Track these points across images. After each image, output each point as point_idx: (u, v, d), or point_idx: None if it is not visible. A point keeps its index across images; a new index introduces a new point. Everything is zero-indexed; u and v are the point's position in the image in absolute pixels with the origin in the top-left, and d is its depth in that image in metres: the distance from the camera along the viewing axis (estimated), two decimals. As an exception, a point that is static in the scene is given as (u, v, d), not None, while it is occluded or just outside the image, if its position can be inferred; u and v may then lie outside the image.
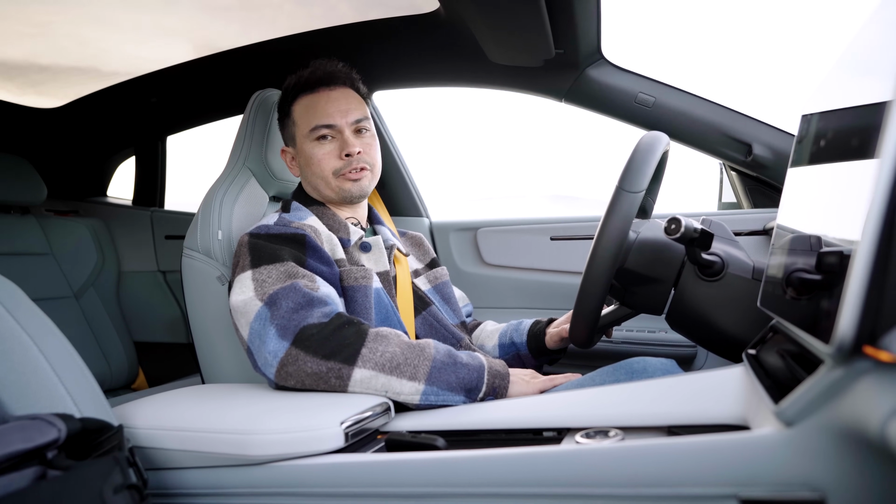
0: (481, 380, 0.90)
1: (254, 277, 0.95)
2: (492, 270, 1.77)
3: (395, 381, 0.87)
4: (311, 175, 1.13)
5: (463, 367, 0.90)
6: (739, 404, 0.62)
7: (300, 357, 0.86)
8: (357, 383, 0.86)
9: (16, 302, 0.72)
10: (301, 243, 1.01)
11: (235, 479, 0.75)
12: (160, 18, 1.56)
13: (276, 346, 0.87)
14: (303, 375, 0.86)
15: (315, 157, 1.11)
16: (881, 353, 0.41)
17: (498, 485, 0.63)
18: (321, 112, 1.11)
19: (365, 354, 0.86)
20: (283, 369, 0.87)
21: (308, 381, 0.87)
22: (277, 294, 0.91)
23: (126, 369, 2.06)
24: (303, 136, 1.12)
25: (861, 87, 0.57)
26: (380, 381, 0.86)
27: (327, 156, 1.10)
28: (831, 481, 0.48)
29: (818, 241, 0.57)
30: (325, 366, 0.86)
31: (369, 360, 0.86)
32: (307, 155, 1.12)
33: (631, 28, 8.09)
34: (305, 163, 1.13)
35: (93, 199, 2.37)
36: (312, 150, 1.11)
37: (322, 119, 1.10)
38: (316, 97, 1.12)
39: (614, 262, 0.87)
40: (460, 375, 0.89)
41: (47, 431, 0.57)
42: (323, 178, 1.11)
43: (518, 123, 23.39)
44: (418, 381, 0.87)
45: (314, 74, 1.13)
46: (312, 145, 1.11)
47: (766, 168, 1.49)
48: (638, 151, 0.90)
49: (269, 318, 0.89)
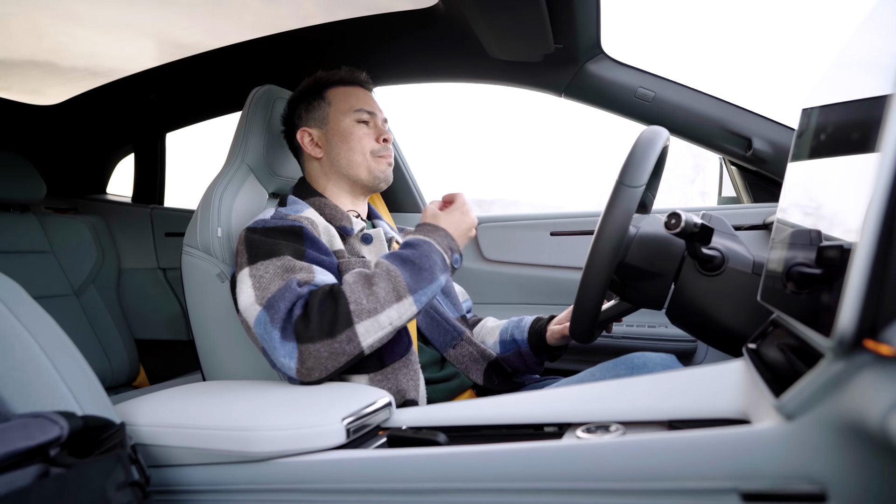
0: (438, 254, 0.97)
1: (251, 274, 0.96)
2: (492, 266, 1.77)
3: (391, 311, 0.91)
4: (348, 151, 1.16)
5: (421, 260, 0.95)
6: (740, 398, 0.62)
7: (310, 349, 0.88)
8: (366, 336, 0.90)
9: (17, 300, 0.72)
10: (299, 235, 1.01)
11: (237, 475, 0.75)
12: (123, 13, 1.53)
13: (286, 350, 0.89)
14: (322, 362, 0.88)
15: (356, 133, 1.16)
16: (882, 346, 0.41)
17: (499, 480, 0.63)
18: (363, 100, 1.19)
19: (353, 309, 0.89)
20: (303, 366, 0.89)
21: (329, 364, 0.89)
22: (275, 297, 0.92)
23: (127, 367, 2.06)
24: (342, 113, 1.17)
25: (861, 80, 0.57)
26: (381, 320, 0.90)
27: (366, 136, 1.17)
28: (832, 474, 0.49)
29: (818, 236, 0.57)
30: (335, 341, 0.88)
31: (360, 310, 0.90)
32: (346, 131, 1.16)
33: (631, 22, 8.01)
34: (342, 139, 1.16)
35: (92, 196, 2.37)
36: (353, 128, 1.16)
37: (365, 105, 1.18)
38: (354, 89, 1.21)
39: (614, 257, 0.87)
40: (425, 267, 0.95)
41: (49, 429, 0.57)
42: (362, 154, 1.16)
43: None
44: (405, 298, 0.92)
45: (351, 75, 1.22)
46: (353, 123, 1.17)
47: (766, 162, 1.49)
48: (638, 146, 0.90)
49: (270, 323, 0.91)
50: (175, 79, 1.90)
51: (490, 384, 1.13)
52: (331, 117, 1.18)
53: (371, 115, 1.18)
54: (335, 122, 1.17)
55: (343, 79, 1.21)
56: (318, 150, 1.19)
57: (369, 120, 1.18)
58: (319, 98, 1.19)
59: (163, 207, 2.30)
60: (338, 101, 1.18)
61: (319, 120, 1.19)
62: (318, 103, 1.19)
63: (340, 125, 1.16)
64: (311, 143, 1.19)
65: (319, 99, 1.19)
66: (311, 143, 1.19)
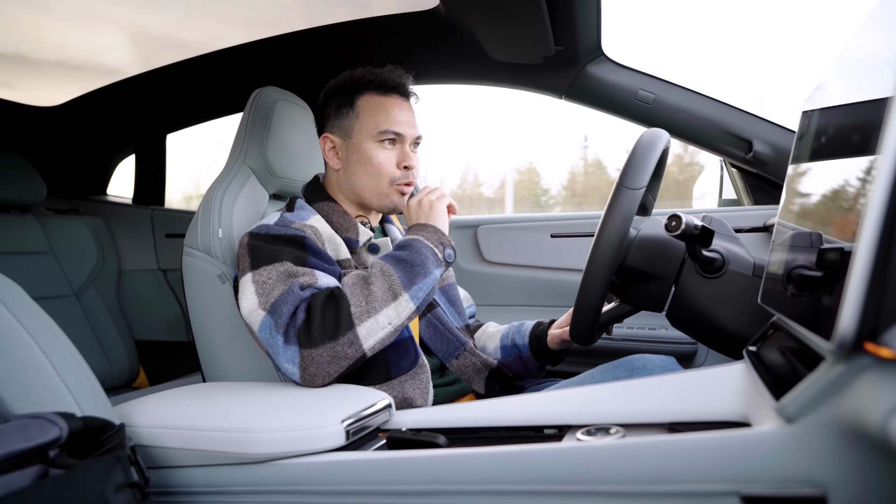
0: (430, 249, 0.96)
1: (254, 280, 0.96)
2: (492, 268, 1.77)
3: (389, 310, 0.91)
4: (364, 174, 1.11)
5: (413, 257, 0.95)
6: (740, 401, 0.62)
7: (314, 354, 0.88)
8: (367, 337, 0.90)
9: (17, 301, 0.72)
10: (301, 244, 1.00)
11: (237, 477, 0.75)
12: (94, 5, 1.50)
13: (289, 355, 0.89)
14: (325, 366, 0.88)
15: (376, 158, 1.10)
16: (882, 349, 0.41)
17: (499, 482, 0.63)
18: (393, 118, 1.10)
19: (354, 312, 0.89)
20: (306, 372, 0.88)
21: (332, 369, 0.89)
22: (278, 301, 0.92)
23: (127, 368, 2.06)
24: (367, 132, 1.10)
25: (862, 83, 0.57)
26: (380, 320, 0.91)
27: (387, 161, 1.10)
28: (832, 478, 0.48)
29: (819, 238, 0.57)
30: (337, 345, 0.88)
31: (360, 313, 0.90)
32: (366, 154, 1.10)
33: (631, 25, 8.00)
34: (360, 160, 1.10)
35: (93, 197, 2.37)
36: (374, 151, 1.10)
37: (394, 126, 1.10)
38: (389, 100, 1.12)
39: (615, 260, 0.87)
40: (417, 264, 0.94)
41: (49, 430, 0.57)
42: (377, 181, 1.10)
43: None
44: (401, 296, 0.92)
45: (391, 78, 1.13)
46: (375, 146, 1.10)
47: (766, 165, 1.49)
48: (638, 148, 0.90)
49: (274, 328, 0.91)
50: (176, 80, 1.90)
51: (491, 392, 1.13)
52: (355, 132, 1.11)
53: (399, 137, 1.10)
54: (358, 140, 1.11)
55: (381, 83, 1.12)
56: (338, 162, 1.14)
57: (396, 140, 1.11)
58: (349, 105, 1.12)
59: (163, 209, 2.30)
60: (366, 116, 1.10)
61: (344, 130, 1.12)
62: (347, 111, 1.12)
63: (362, 146, 1.10)
64: (332, 152, 1.14)
65: (349, 106, 1.12)
66: (332, 152, 1.14)
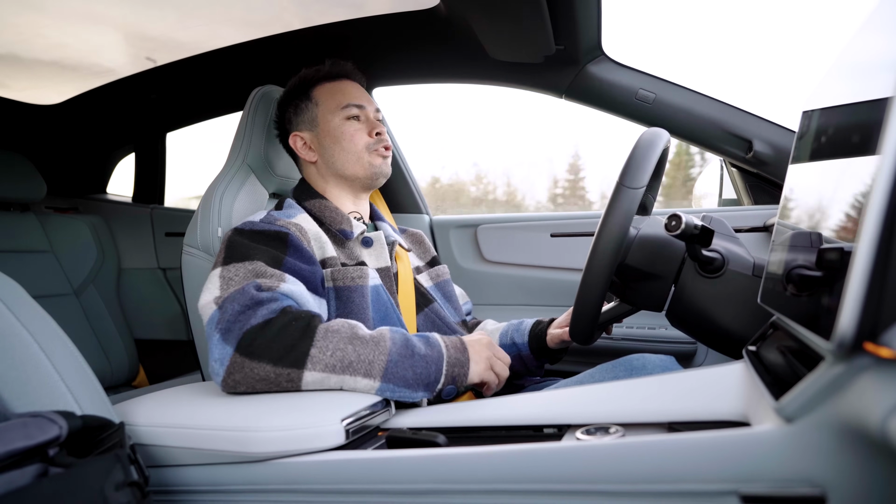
0: (440, 372, 0.87)
1: (221, 275, 0.92)
2: (492, 267, 1.77)
3: (349, 379, 0.83)
4: (340, 151, 1.14)
5: (420, 360, 0.86)
6: (740, 401, 0.62)
7: (246, 364, 0.81)
8: (309, 385, 0.83)
9: (16, 299, 0.72)
10: (283, 241, 0.98)
11: (237, 476, 0.75)
12: (89, 5, 1.49)
13: (220, 353, 0.83)
14: (252, 381, 0.82)
15: (347, 132, 1.14)
16: (882, 349, 0.41)
17: (498, 481, 0.63)
18: (350, 94, 1.16)
19: (314, 356, 0.82)
20: (231, 377, 0.82)
21: (259, 387, 0.83)
22: (230, 297, 0.87)
23: (127, 366, 2.06)
24: (330, 112, 1.15)
25: (862, 83, 0.57)
26: (332, 381, 0.83)
27: (358, 132, 1.14)
28: (832, 477, 0.48)
29: (819, 238, 0.57)
30: (275, 371, 0.82)
31: (319, 361, 0.82)
32: (336, 132, 1.14)
33: (632, 24, 8.00)
34: (333, 140, 1.14)
35: (93, 196, 2.37)
36: (344, 127, 1.14)
37: (353, 99, 1.15)
38: (340, 84, 1.18)
39: (615, 259, 0.87)
40: (417, 371, 0.85)
41: (48, 429, 0.57)
42: (354, 153, 1.14)
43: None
44: (373, 379, 0.83)
45: (335, 67, 1.19)
46: (343, 122, 1.14)
47: (766, 164, 1.49)
48: (638, 148, 0.90)
49: (217, 322, 0.85)
50: (176, 79, 1.90)
51: None
52: (320, 118, 1.15)
53: (361, 109, 1.15)
54: (325, 123, 1.15)
55: (328, 73, 1.18)
56: (313, 154, 1.17)
57: (359, 114, 1.15)
58: (306, 99, 1.17)
59: (163, 207, 2.30)
60: (325, 100, 1.16)
61: (309, 122, 1.17)
62: (306, 105, 1.17)
63: (330, 125, 1.14)
64: (305, 148, 1.17)
65: (307, 100, 1.17)
66: (304, 148, 1.18)
